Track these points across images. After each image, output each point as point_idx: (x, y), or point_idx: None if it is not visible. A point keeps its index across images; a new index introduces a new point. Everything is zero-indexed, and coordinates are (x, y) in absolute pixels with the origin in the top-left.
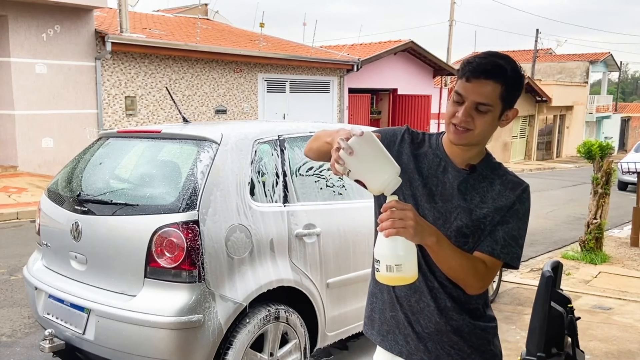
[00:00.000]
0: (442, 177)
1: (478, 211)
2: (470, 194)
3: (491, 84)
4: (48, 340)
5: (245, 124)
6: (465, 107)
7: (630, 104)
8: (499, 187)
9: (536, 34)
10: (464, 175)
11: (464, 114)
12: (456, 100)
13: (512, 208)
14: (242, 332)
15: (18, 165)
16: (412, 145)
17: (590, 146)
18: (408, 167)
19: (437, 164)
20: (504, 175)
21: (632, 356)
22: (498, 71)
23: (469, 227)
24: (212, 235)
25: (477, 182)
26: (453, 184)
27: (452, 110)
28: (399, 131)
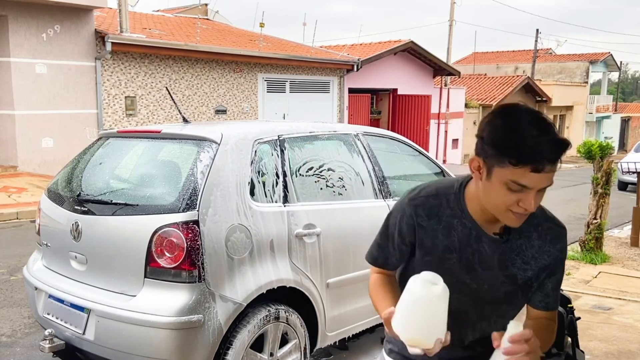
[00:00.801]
0: (476, 246)
1: (522, 274)
2: (511, 257)
3: (556, 165)
4: (48, 340)
5: (245, 124)
6: (532, 196)
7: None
8: (538, 242)
9: (536, 34)
10: (500, 244)
11: (535, 203)
12: (514, 190)
13: (557, 261)
14: (242, 332)
15: (18, 165)
16: (430, 221)
17: (590, 146)
18: (437, 248)
19: (469, 234)
20: (539, 225)
21: (632, 356)
22: (564, 151)
23: (516, 291)
24: (212, 235)
25: (514, 240)
26: (491, 255)
27: (510, 199)
28: (408, 219)
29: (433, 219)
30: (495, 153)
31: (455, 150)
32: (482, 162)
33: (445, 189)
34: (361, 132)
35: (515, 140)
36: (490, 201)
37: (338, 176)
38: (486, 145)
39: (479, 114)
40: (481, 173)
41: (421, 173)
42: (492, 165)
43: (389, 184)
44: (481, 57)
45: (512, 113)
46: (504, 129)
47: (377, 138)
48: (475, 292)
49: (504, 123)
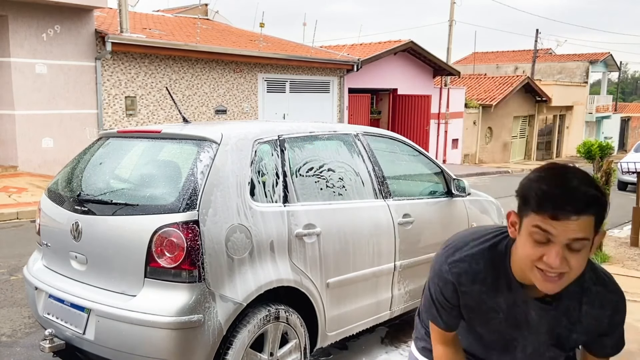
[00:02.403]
0: (524, 307)
1: (568, 336)
2: (559, 319)
3: (586, 218)
4: (48, 340)
5: (245, 124)
6: (558, 251)
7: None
8: (585, 307)
9: (536, 34)
10: (548, 308)
11: (560, 260)
12: (538, 240)
13: (612, 323)
14: (242, 332)
15: (18, 165)
16: (473, 286)
17: (590, 146)
18: (482, 308)
19: (515, 296)
20: (589, 288)
21: (632, 356)
22: (593, 203)
23: (561, 356)
24: (212, 235)
25: (563, 302)
26: (540, 321)
27: (537, 253)
28: (450, 286)
29: (477, 283)
30: (522, 202)
31: (455, 150)
32: (517, 216)
33: (490, 249)
34: (361, 132)
35: (542, 187)
36: (521, 258)
37: (338, 176)
38: (518, 196)
39: (479, 114)
40: (516, 229)
41: (421, 173)
42: (522, 217)
43: (389, 184)
44: (481, 57)
45: (553, 169)
46: (535, 180)
47: (377, 138)
48: (519, 353)
49: (538, 176)
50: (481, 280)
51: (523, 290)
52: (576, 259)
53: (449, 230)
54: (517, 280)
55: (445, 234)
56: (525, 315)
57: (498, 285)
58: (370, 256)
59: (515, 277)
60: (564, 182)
